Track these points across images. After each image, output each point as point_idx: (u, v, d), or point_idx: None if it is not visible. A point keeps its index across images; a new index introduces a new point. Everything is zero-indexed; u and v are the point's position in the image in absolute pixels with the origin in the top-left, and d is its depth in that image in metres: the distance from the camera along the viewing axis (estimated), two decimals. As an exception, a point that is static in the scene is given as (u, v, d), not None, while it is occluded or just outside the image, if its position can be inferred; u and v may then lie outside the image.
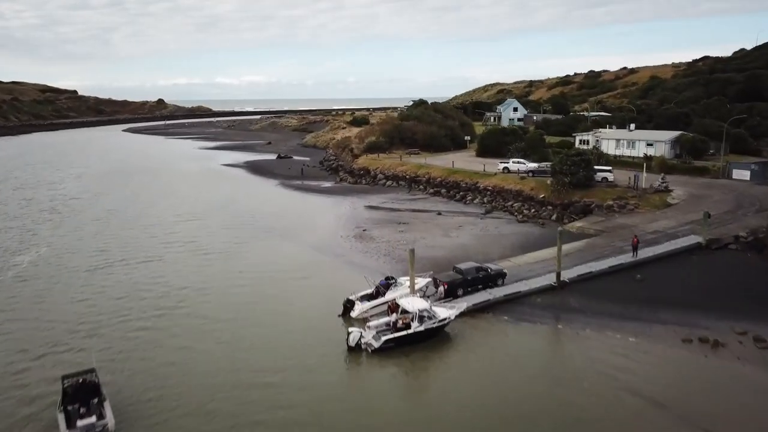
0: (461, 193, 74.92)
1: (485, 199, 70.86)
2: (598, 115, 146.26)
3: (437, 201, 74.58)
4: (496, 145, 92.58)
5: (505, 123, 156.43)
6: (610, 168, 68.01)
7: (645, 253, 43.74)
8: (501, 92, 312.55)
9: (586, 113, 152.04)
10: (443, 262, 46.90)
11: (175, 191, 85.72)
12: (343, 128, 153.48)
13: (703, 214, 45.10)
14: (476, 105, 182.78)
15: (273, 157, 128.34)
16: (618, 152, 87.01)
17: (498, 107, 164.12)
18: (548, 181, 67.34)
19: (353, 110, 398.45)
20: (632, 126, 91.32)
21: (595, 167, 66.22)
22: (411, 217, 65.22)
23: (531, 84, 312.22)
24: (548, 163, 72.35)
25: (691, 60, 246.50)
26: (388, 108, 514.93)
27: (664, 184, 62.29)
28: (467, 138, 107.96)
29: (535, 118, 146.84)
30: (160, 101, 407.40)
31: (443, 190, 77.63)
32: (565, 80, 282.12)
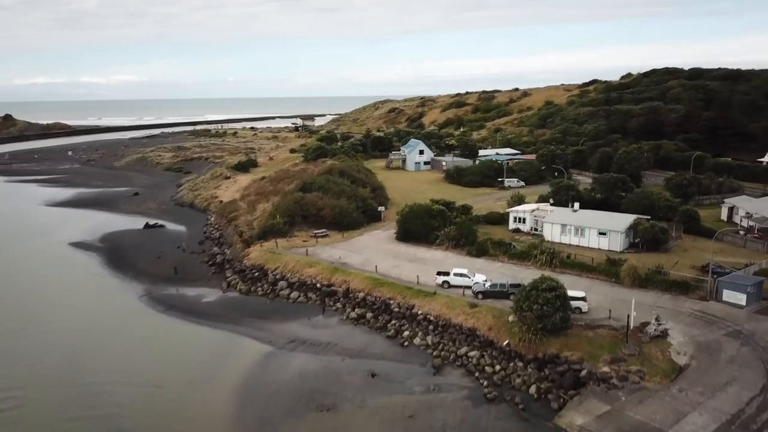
0: (394, 322, 57.44)
1: (428, 339, 53.83)
2: (511, 159, 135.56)
3: (363, 335, 56.64)
4: (420, 228, 76.32)
5: (410, 167, 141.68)
6: (583, 295, 53.53)
7: None
8: (393, 111, 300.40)
9: (496, 155, 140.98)
10: None
11: (-9, 322, 60.94)
12: (227, 177, 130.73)
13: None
14: (376, 141, 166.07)
15: (140, 223, 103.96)
16: (565, 239, 73.78)
17: (402, 148, 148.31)
18: (510, 318, 51.77)
19: (235, 123, 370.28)
20: (576, 205, 78.31)
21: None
22: (336, 387, 46.96)
23: (423, 103, 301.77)
24: (505, 283, 56.92)
25: (581, 83, 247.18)
26: (270, 117, 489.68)
27: (661, 327, 48.57)
28: (381, 209, 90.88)
29: (444, 164, 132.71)
30: (8, 117, 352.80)
31: (369, 314, 59.74)
32: (459, 101, 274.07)
